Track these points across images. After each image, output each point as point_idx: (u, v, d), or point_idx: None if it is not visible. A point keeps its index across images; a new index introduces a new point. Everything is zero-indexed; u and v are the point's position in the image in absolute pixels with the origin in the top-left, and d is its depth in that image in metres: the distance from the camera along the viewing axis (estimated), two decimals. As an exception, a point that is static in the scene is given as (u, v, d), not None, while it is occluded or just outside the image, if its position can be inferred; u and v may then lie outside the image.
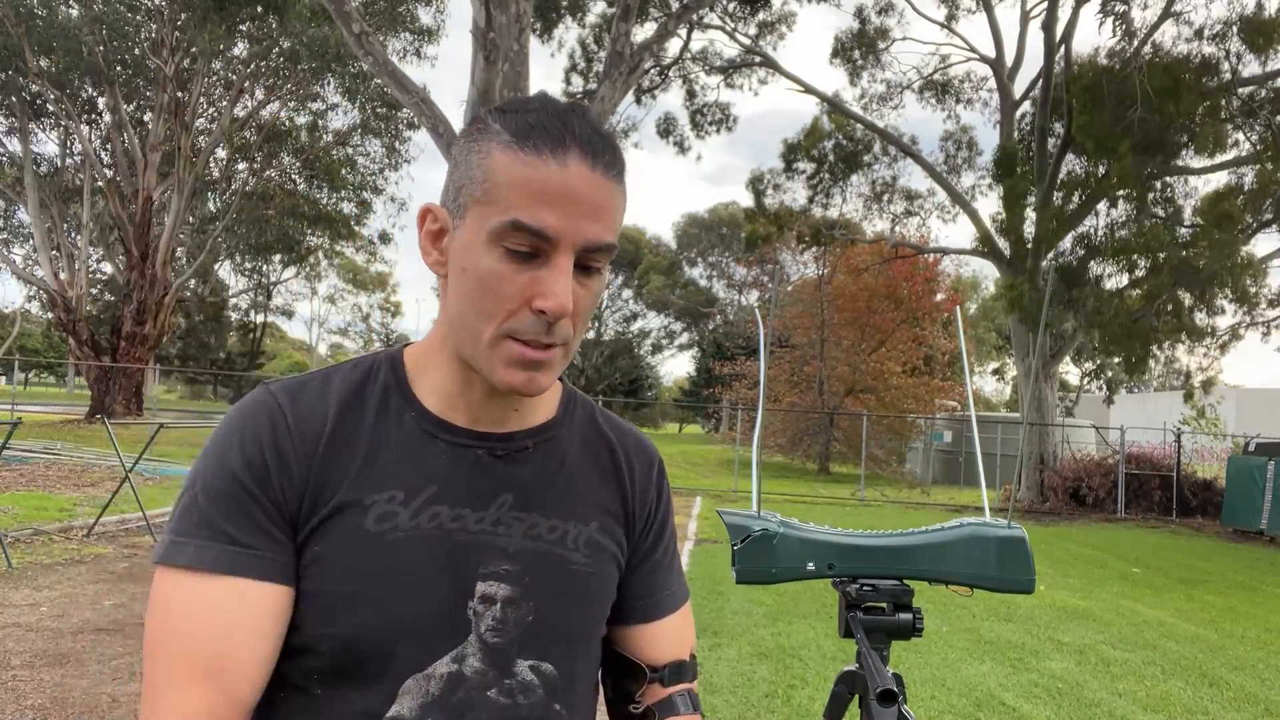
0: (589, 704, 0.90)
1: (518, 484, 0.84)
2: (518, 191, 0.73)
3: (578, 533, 0.86)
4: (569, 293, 0.74)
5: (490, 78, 8.55)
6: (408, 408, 0.84)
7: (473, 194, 0.76)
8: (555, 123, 0.75)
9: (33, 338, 44.60)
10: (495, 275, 0.74)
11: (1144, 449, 17.19)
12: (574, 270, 0.75)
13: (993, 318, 42.89)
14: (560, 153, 0.73)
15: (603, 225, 0.76)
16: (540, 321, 0.74)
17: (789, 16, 18.86)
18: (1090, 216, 16.59)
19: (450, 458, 0.83)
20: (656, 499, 0.96)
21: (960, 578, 1.34)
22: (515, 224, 0.73)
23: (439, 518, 0.80)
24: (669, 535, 0.99)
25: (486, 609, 0.80)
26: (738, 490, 16.79)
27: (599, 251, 0.76)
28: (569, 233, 0.73)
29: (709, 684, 4.56)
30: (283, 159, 25.13)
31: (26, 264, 24.28)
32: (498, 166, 0.74)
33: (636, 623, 0.94)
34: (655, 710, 0.93)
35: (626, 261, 45.69)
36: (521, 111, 0.76)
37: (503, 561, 0.81)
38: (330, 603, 0.76)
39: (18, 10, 18.50)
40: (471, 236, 0.76)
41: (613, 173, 0.77)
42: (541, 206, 0.73)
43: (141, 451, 8.19)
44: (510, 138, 0.75)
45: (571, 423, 0.92)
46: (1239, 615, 7.37)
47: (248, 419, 0.79)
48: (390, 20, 18.18)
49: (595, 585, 0.87)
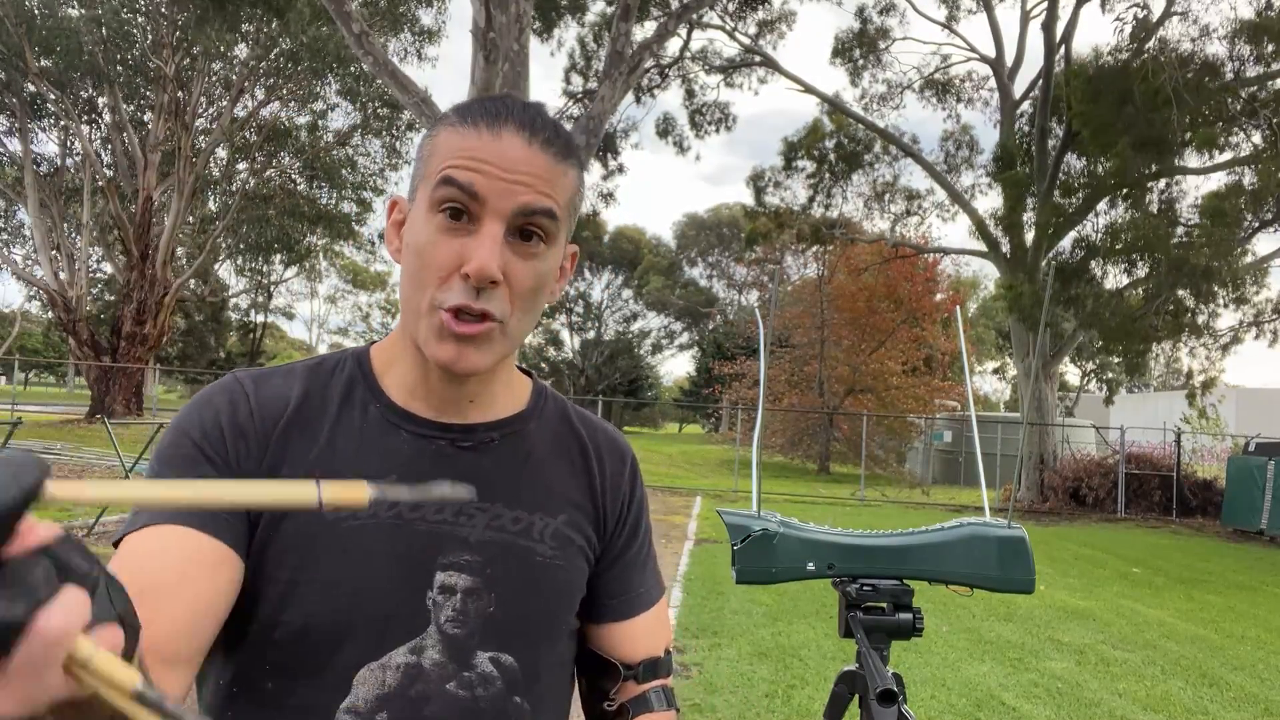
0: (557, 698, 0.89)
1: (481, 475, 0.84)
2: (452, 154, 0.76)
3: (544, 525, 0.86)
4: (494, 257, 0.75)
5: (490, 78, 8.55)
6: (372, 399, 0.84)
7: (420, 173, 0.80)
8: (495, 103, 0.79)
9: (33, 338, 44.59)
10: (430, 243, 0.76)
11: (1144, 449, 17.19)
12: (511, 239, 0.77)
13: (992, 317, 42.91)
14: (496, 125, 0.77)
15: (537, 192, 0.77)
16: (468, 287, 0.75)
17: (789, 16, 18.86)
18: (1090, 216, 16.60)
19: (412, 448, 0.83)
20: (629, 496, 0.96)
21: (960, 578, 1.34)
22: (445, 179, 0.75)
23: (397, 507, 0.79)
24: (643, 533, 0.99)
25: (446, 599, 0.79)
26: (738, 490, 16.78)
27: (535, 215, 0.77)
28: (498, 196, 0.75)
29: (709, 684, 4.56)
30: (283, 159, 25.12)
31: (26, 264, 24.28)
32: (440, 142, 0.78)
33: (611, 621, 0.94)
34: (630, 707, 0.93)
35: (626, 261, 45.69)
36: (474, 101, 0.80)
37: (463, 552, 0.81)
38: (282, 590, 0.76)
39: (18, 10, 18.50)
40: (417, 212, 0.79)
41: (553, 149, 0.78)
42: (471, 168, 0.75)
43: (141, 451, 8.19)
44: (455, 118, 0.79)
45: (541, 417, 0.92)
46: (1239, 615, 7.37)
47: (210, 398, 0.81)
48: (391, 21, 18.17)
49: (562, 578, 0.86)
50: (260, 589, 0.76)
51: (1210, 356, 17.59)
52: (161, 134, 21.58)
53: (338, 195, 25.80)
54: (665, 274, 46.01)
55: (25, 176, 21.07)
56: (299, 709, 0.76)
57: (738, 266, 42.80)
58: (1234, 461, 14.35)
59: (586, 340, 46.07)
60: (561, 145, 0.79)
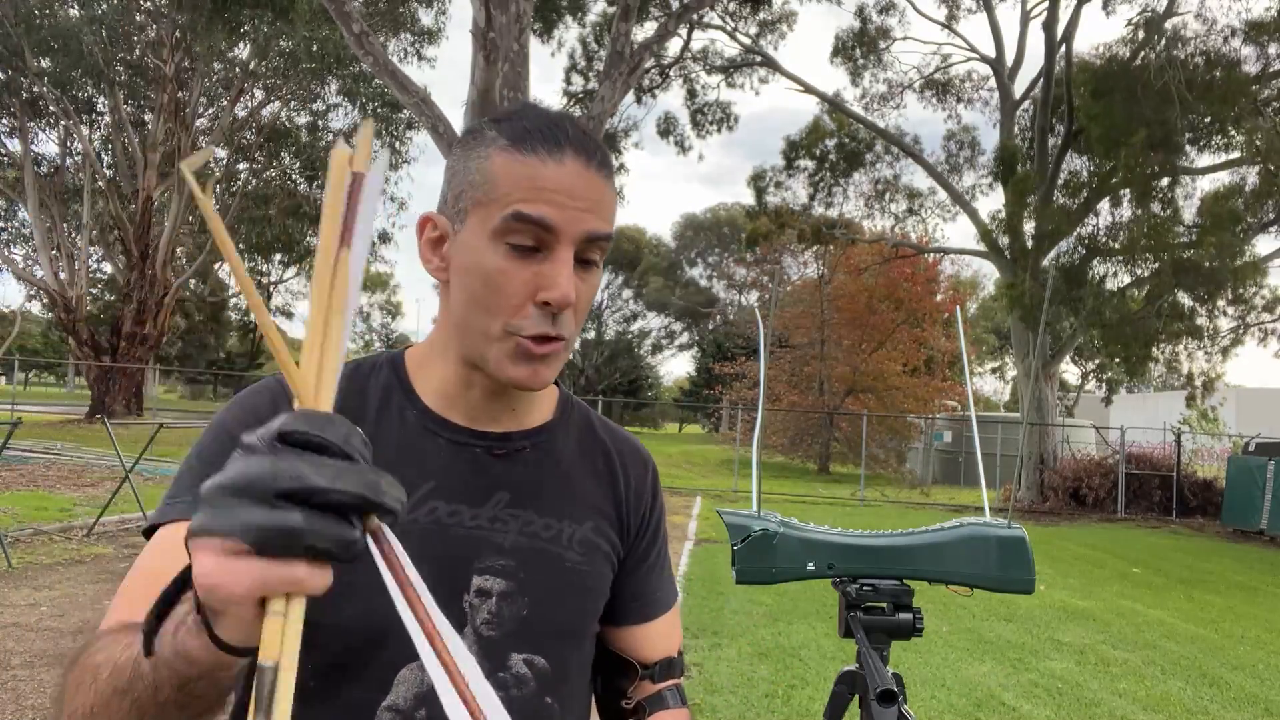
0: (582, 699, 0.92)
1: (514, 483, 0.86)
2: (518, 187, 0.76)
3: (572, 531, 0.88)
4: (572, 283, 0.77)
5: (490, 78, 8.54)
6: (409, 405, 0.86)
7: (474, 197, 0.79)
8: (550, 127, 0.79)
9: (33, 338, 44.57)
10: (500, 272, 0.77)
11: (1144, 449, 17.18)
12: (574, 264, 0.78)
13: (991, 317, 42.90)
14: (556, 152, 0.77)
15: (600, 217, 0.79)
16: (545, 315, 0.77)
17: (789, 16, 18.86)
18: (1091, 216, 16.60)
19: (449, 455, 0.85)
20: (651, 503, 0.99)
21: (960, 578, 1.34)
22: (517, 215, 0.76)
23: (436, 512, 0.82)
24: (662, 538, 1.02)
25: (482, 602, 0.81)
26: (738, 490, 16.78)
27: (598, 241, 0.79)
28: (568, 224, 0.76)
29: (709, 684, 4.56)
30: (283, 159, 25.12)
31: (26, 264, 24.26)
32: (498, 168, 0.78)
33: (631, 623, 0.96)
34: (646, 705, 0.96)
35: (626, 261, 45.65)
36: (517, 119, 0.80)
37: (498, 557, 0.83)
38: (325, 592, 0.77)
39: (18, 10, 18.49)
40: (474, 237, 0.79)
41: (605, 171, 0.80)
42: (541, 200, 0.76)
43: (141, 451, 8.19)
44: (508, 142, 0.78)
45: (568, 426, 0.95)
46: (1239, 615, 7.37)
47: (251, 398, 0.83)
48: (391, 21, 18.17)
49: (589, 583, 0.89)
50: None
51: (1211, 359, 17.60)
52: (161, 134, 21.57)
53: (338, 195, 25.77)
54: (665, 274, 45.99)
55: (25, 176, 21.06)
56: (343, 707, 0.78)
57: (738, 266, 42.76)
58: (1234, 461, 14.35)
59: (586, 340, 46.03)
60: (608, 164, 0.82)
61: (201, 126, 23.27)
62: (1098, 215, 16.69)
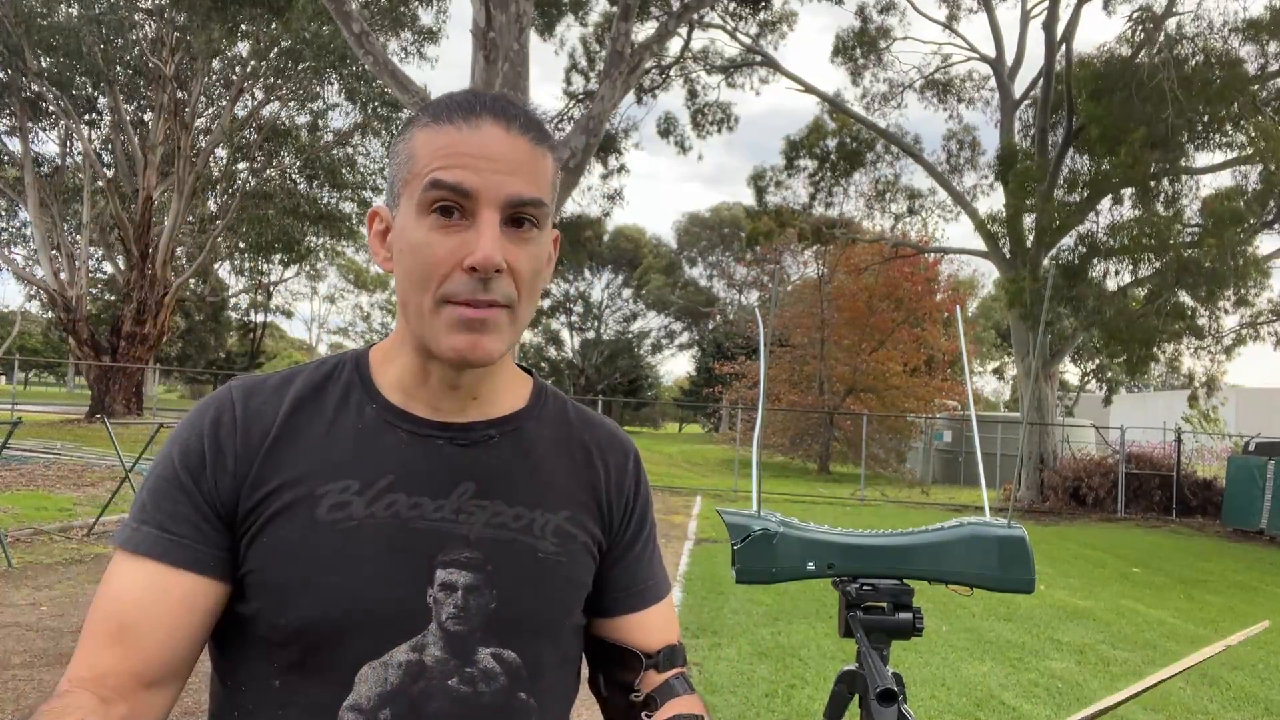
0: (562, 694, 0.89)
1: (481, 473, 0.84)
2: (436, 157, 0.76)
3: (545, 521, 0.86)
4: (495, 245, 0.75)
5: (490, 77, 8.54)
6: (369, 401, 0.85)
7: (402, 178, 0.79)
8: (467, 97, 0.79)
9: (33, 338, 44.56)
10: (426, 244, 0.77)
11: (1144, 449, 17.19)
12: (504, 227, 0.77)
13: (990, 317, 42.89)
14: (472, 118, 0.77)
15: (524, 180, 0.78)
16: (475, 280, 0.76)
17: (790, 16, 18.85)
18: (1091, 215, 16.59)
19: (410, 447, 0.83)
20: (634, 491, 0.96)
21: (960, 577, 1.34)
22: (434, 183, 0.76)
23: (395, 505, 0.80)
24: (649, 527, 0.99)
25: (447, 596, 0.80)
26: (738, 490, 16.78)
27: (526, 206, 0.78)
28: (487, 188, 0.76)
29: (709, 684, 4.56)
30: (283, 159, 25.10)
31: (26, 264, 24.26)
32: (419, 145, 0.78)
33: (623, 613, 0.95)
34: (656, 696, 0.94)
35: (626, 261, 45.65)
36: (441, 99, 0.81)
37: (463, 549, 0.81)
38: (281, 593, 0.77)
39: (17, 10, 18.49)
40: (405, 217, 0.79)
41: (531, 134, 0.79)
42: (456, 165, 0.75)
43: (141, 451, 8.19)
44: (428, 119, 0.79)
45: (541, 415, 0.93)
46: (1239, 615, 7.37)
47: (200, 413, 0.83)
48: (391, 21, 18.16)
49: (565, 573, 0.86)
50: (262, 591, 0.78)
51: (1213, 358, 17.58)
52: (161, 134, 21.56)
53: (338, 195, 25.79)
54: (665, 274, 45.96)
55: (25, 176, 21.05)
56: (304, 707, 0.77)
57: (738, 266, 42.79)
58: (1234, 461, 14.35)
59: (586, 340, 46.01)
60: (537, 129, 0.80)
61: (201, 126, 23.26)
62: (1099, 214, 16.69)
